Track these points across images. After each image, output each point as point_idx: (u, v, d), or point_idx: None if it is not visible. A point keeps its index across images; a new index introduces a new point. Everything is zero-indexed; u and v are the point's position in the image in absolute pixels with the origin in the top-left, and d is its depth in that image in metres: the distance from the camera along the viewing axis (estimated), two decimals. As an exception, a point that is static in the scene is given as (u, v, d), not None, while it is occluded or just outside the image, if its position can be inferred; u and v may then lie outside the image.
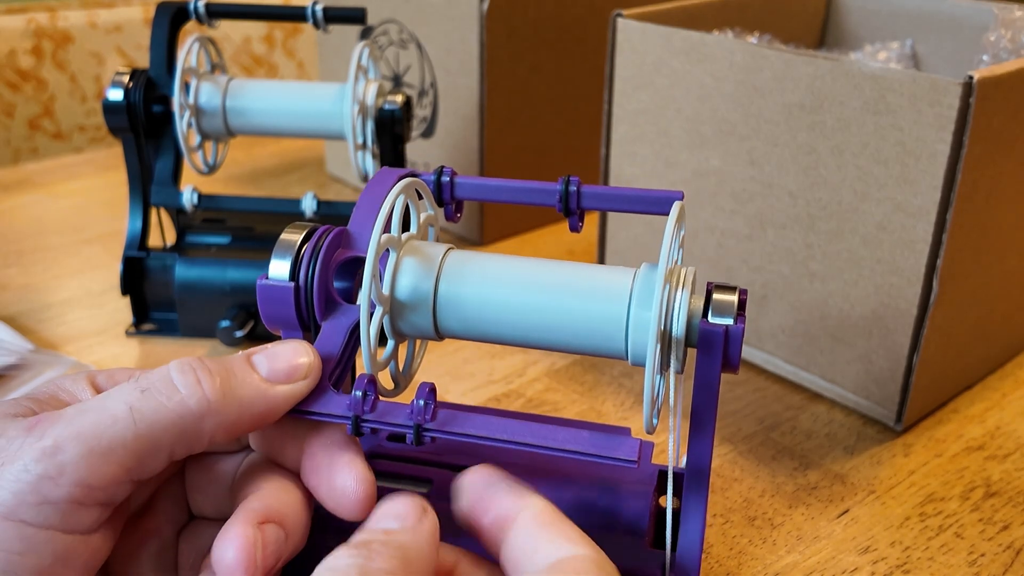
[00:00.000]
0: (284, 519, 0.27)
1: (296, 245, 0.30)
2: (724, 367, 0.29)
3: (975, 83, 0.41)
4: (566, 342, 0.31)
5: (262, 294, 0.30)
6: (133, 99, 0.55)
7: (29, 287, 0.64)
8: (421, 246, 0.32)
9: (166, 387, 0.26)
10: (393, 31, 0.72)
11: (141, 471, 0.26)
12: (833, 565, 0.40)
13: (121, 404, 0.26)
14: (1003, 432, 0.49)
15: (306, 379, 0.29)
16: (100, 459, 0.25)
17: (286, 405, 0.28)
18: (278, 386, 0.28)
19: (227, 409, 0.27)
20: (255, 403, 0.27)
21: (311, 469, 0.29)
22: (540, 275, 0.31)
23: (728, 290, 0.29)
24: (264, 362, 0.28)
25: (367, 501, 0.28)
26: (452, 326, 0.32)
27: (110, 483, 0.25)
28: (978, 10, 0.63)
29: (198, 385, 0.27)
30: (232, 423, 0.27)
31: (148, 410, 0.26)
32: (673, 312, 0.29)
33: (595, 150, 0.60)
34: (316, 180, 0.85)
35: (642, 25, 0.54)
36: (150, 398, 0.26)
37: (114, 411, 0.26)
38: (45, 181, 0.84)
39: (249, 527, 0.26)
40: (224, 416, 0.27)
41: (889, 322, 0.47)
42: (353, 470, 0.28)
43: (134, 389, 0.26)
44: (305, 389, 0.29)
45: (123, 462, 0.25)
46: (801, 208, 0.49)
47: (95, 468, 0.25)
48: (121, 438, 0.25)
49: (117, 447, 0.25)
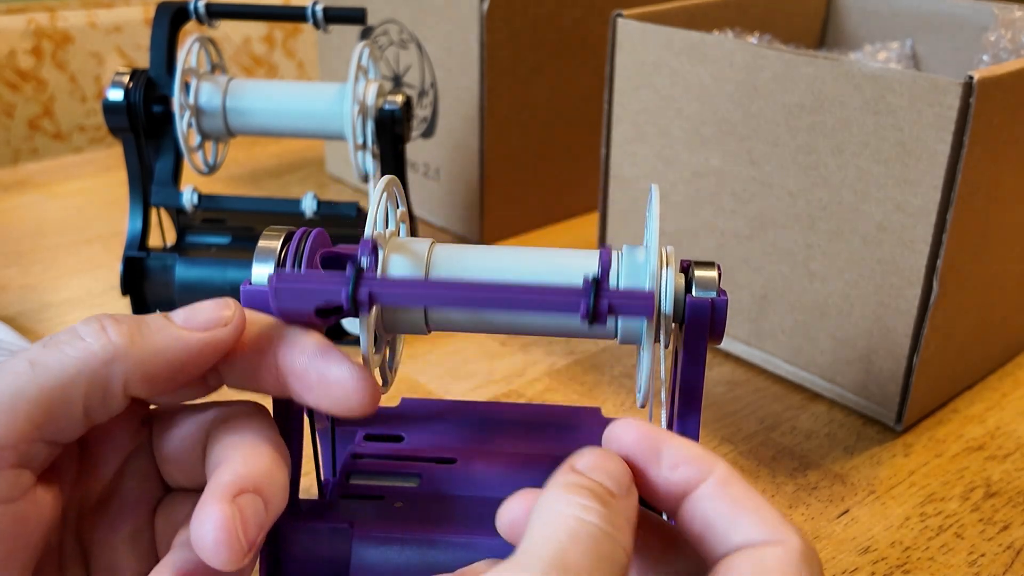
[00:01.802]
0: (260, 485, 0.26)
1: (277, 249, 0.30)
2: (711, 338, 0.31)
3: (975, 83, 0.41)
4: (556, 326, 0.32)
5: (247, 300, 0.30)
6: (133, 99, 0.55)
7: (29, 287, 0.64)
8: (405, 242, 0.32)
9: (69, 337, 0.25)
10: (393, 31, 0.72)
11: (55, 428, 0.25)
12: (833, 565, 0.40)
13: (22, 360, 0.25)
14: (1003, 432, 0.49)
15: (227, 327, 0.27)
16: (3, 416, 0.24)
17: (209, 353, 0.27)
18: (196, 332, 0.27)
19: (137, 353, 0.26)
20: (170, 348, 0.26)
21: (295, 378, 0.28)
22: (528, 262, 0.32)
23: (707, 266, 0.30)
24: (180, 314, 0.27)
25: (371, 390, 0.27)
26: (443, 320, 0.32)
27: (20, 440, 0.24)
28: (978, 10, 0.63)
29: (102, 331, 0.25)
30: (147, 370, 0.26)
31: (50, 360, 0.25)
32: (663, 289, 0.30)
33: (595, 150, 0.60)
34: (316, 180, 0.85)
35: (642, 25, 0.54)
36: (52, 349, 0.25)
37: (14, 367, 0.25)
38: (45, 181, 0.84)
39: (223, 503, 0.25)
40: (136, 362, 0.26)
41: (889, 322, 0.47)
42: (344, 362, 0.27)
43: (37, 345, 0.25)
44: (227, 335, 0.27)
45: (31, 417, 0.24)
46: (801, 208, 0.49)
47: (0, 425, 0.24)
48: (25, 391, 0.24)
49: (20, 401, 0.24)
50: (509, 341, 0.57)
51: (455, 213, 0.73)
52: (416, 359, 0.55)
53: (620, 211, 0.60)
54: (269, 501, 0.26)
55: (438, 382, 0.53)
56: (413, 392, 0.52)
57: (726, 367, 0.55)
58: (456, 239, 0.73)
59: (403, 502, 0.35)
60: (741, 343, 0.55)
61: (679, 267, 0.31)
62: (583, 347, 0.57)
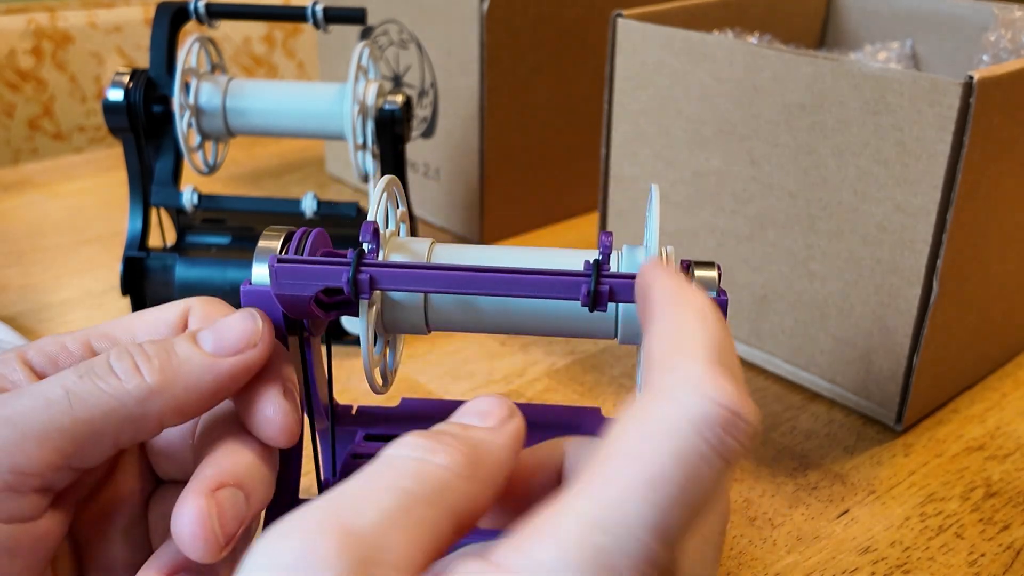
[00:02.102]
0: (241, 479, 0.26)
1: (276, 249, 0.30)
2: None
3: (975, 83, 0.41)
4: (556, 326, 0.32)
5: (247, 300, 0.30)
6: (133, 99, 0.55)
7: (29, 287, 0.64)
8: (405, 242, 0.32)
9: (103, 371, 0.25)
10: (393, 31, 0.72)
11: (81, 458, 0.25)
12: (833, 565, 0.40)
13: (57, 388, 0.25)
14: (1003, 432, 0.49)
15: (256, 347, 0.27)
16: (35, 444, 0.24)
17: (241, 376, 0.27)
18: (226, 359, 0.27)
19: (171, 390, 0.26)
20: (202, 380, 0.26)
21: (239, 405, 0.28)
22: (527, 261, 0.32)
23: (707, 266, 0.30)
24: (209, 336, 0.27)
25: (291, 428, 0.27)
26: (442, 318, 0.32)
27: (45, 469, 0.24)
28: (978, 10, 0.63)
29: (135, 370, 0.26)
30: (180, 404, 0.26)
31: (85, 393, 0.25)
32: None
33: (595, 150, 0.60)
34: (316, 180, 0.85)
35: (642, 25, 0.54)
36: (87, 382, 0.25)
37: (49, 394, 0.25)
38: (45, 181, 0.84)
39: (201, 497, 0.25)
40: (169, 398, 0.26)
41: (889, 322, 0.47)
42: (275, 400, 0.27)
43: (71, 373, 0.25)
44: (257, 357, 0.27)
45: (60, 447, 0.24)
46: (801, 208, 0.49)
47: (30, 453, 0.24)
48: (57, 422, 0.24)
49: (52, 431, 0.24)
50: (509, 341, 0.57)
51: (455, 213, 0.73)
52: (416, 359, 0.55)
53: (620, 211, 0.60)
54: (251, 495, 0.26)
55: (438, 382, 0.53)
56: (413, 392, 0.52)
57: (726, 367, 0.55)
58: (456, 239, 0.73)
59: None
60: (741, 343, 0.55)
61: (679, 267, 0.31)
62: (583, 347, 0.57)
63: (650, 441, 0.19)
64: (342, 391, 0.51)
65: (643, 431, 0.20)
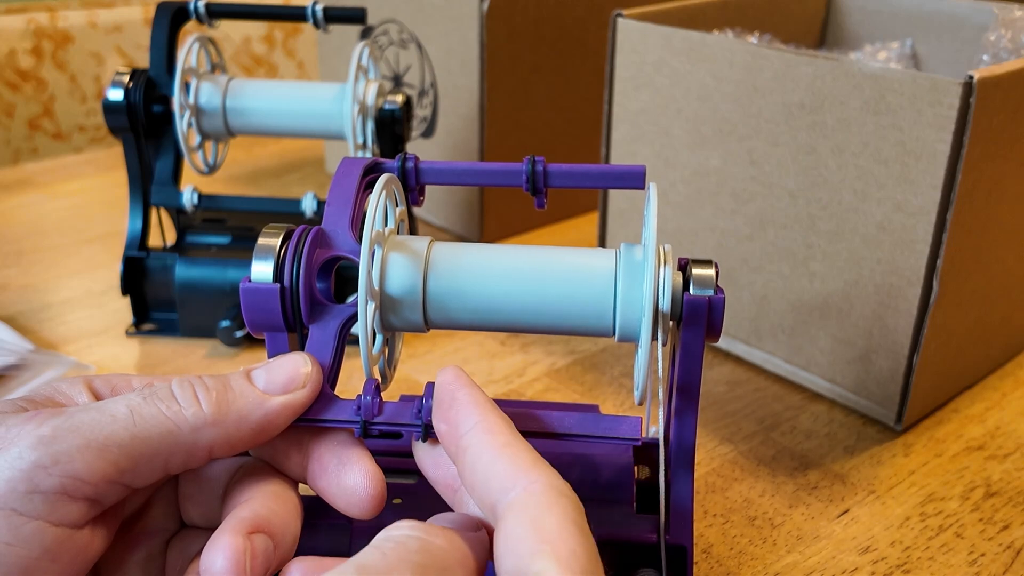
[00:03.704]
0: (273, 529, 0.28)
1: (276, 247, 0.30)
2: (708, 336, 0.31)
3: (975, 83, 0.41)
4: (554, 324, 0.32)
5: (247, 298, 0.30)
6: (133, 99, 0.55)
7: (29, 287, 0.64)
8: (404, 240, 0.32)
9: (166, 396, 0.27)
10: (393, 31, 0.72)
11: (134, 475, 0.26)
12: (833, 565, 0.40)
13: (122, 405, 0.27)
14: (1003, 432, 0.49)
15: (305, 388, 0.29)
16: (95, 454, 0.25)
17: (287, 415, 0.29)
18: (276, 397, 0.29)
19: (224, 421, 0.27)
20: (253, 414, 0.28)
21: (319, 472, 0.29)
22: (525, 260, 0.32)
23: (705, 264, 0.31)
24: (262, 375, 0.29)
25: (378, 499, 0.28)
26: (441, 316, 0.32)
27: (101, 480, 0.25)
28: (978, 10, 0.63)
29: (194, 399, 0.27)
30: (231, 435, 0.28)
31: (147, 414, 0.26)
32: (661, 287, 0.30)
33: (595, 150, 0.60)
34: (316, 180, 0.85)
35: (642, 25, 0.54)
36: (151, 403, 0.27)
37: (114, 411, 0.26)
38: (45, 181, 0.84)
39: (239, 536, 0.26)
40: (221, 428, 0.27)
41: (889, 322, 0.47)
42: (362, 468, 0.29)
43: (136, 395, 0.27)
44: (304, 398, 0.29)
45: (117, 461, 0.26)
46: (801, 208, 0.49)
47: (89, 462, 0.25)
48: (118, 436, 0.26)
49: (113, 445, 0.26)
50: (509, 341, 0.57)
51: (455, 213, 0.73)
52: (416, 359, 0.55)
53: (620, 211, 0.60)
54: (279, 546, 0.28)
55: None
56: (413, 391, 0.52)
57: (726, 367, 0.55)
58: (456, 239, 0.73)
59: (402, 498, 0.35)
60: (741, 343, 0.55)
61: (677, 265, 0.31)
62: (583, 347, 0.57)
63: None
64: (341, 390, 0.51)
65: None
